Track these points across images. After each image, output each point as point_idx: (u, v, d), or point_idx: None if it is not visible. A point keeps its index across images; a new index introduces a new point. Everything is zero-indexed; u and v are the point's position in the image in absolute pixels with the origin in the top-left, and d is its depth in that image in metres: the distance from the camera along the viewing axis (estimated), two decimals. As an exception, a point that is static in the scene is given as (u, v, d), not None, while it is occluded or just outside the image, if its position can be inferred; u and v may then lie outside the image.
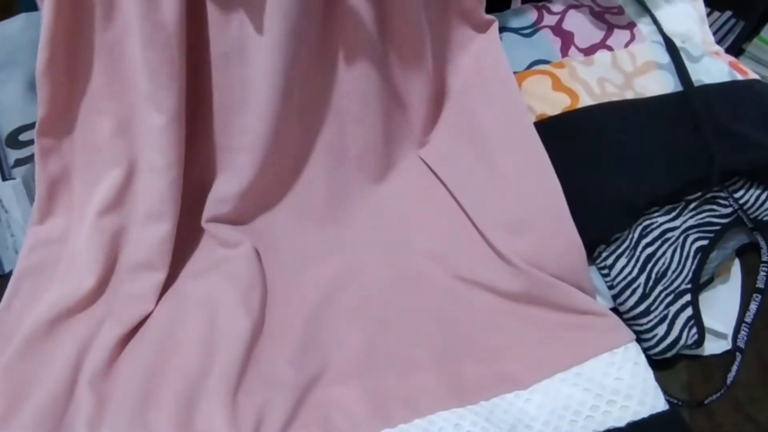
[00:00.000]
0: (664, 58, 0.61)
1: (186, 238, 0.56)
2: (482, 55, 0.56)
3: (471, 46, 0.56)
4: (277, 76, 0.50)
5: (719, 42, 0.79)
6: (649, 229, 0.53)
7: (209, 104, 0.54)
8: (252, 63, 0.51)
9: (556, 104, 0.58)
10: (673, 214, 0.54)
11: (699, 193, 0.55)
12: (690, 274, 0.53)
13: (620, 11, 0.64)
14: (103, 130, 0.53)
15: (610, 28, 0.63)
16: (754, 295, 0.55)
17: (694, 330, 0.51)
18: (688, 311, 0.52)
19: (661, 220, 0.54)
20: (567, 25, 0.64)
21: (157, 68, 0.48)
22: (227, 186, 0.56)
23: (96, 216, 0.54)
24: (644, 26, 0.63)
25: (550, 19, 0.65)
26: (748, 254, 0.59)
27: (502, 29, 0.64)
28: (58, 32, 0.48)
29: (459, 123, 0.57)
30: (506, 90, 0.55)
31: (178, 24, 0.47)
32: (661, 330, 0.50)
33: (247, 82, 0.52)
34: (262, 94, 0.51)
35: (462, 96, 0.57)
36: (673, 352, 0.51)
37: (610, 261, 0.52)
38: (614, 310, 0.51)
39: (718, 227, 0.55)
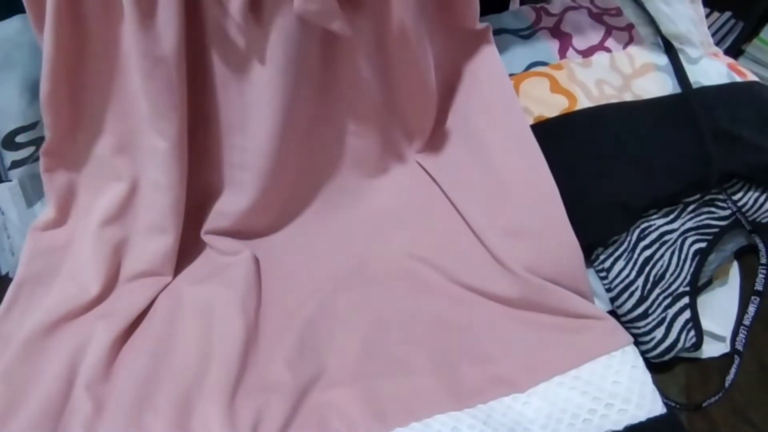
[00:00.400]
0: (663, 59, 0.61)
1: (186, 245, 0.56)
2: (478, 61, 0.56)
3: (467, 54, 0.56)
4: (275, 102, 0.50)
5: (719, 43, 0.79)
6: (647, 232, 0.53)
7: (212, 122, 0.54)
8: (252, 89, 0.51)
9: (554, 106, 0.57)
10: (672, 216, 0.54)
11: (697, 196, 0.54)
12: (688, 277, 0.53)
13: (618, 12, 0.64)
14: (106, 147, 0.54)
15: (608, 30, 0.63)
16: (753, 297, 0.55)
17: (692, 333, 0.51)
18: (686, 314, 0.52)
19: (659, 222, 0.54)
20: (565, 26, 0.64)
21: (157, 99, 0.49)
22: (228, 202, 0.57)
23: (99, 226, 0.54)
24: (642, 28, 0.63)
25: (548, 21, 0.65)
26: (746, 256, 0.59)
27: (501, 30, 0.64)
28: (58, 65, 0.48)
29: (456, 129, 0.57)
30: (503, 95, 0.55)
31: (177, 57, 0.47)
32: (659, 333, 0.50)
33: (247, 107, 0.52)
34: (262, 118, 0.51)
35: (459, 102, 0.57)
36: (671, 355, 0.51)
37: (608, 264, 0.52)
38: (612, 313, 0.51)
39: (716, 229, 0.55)
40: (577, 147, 0.55)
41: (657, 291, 0.51)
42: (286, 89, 0.49)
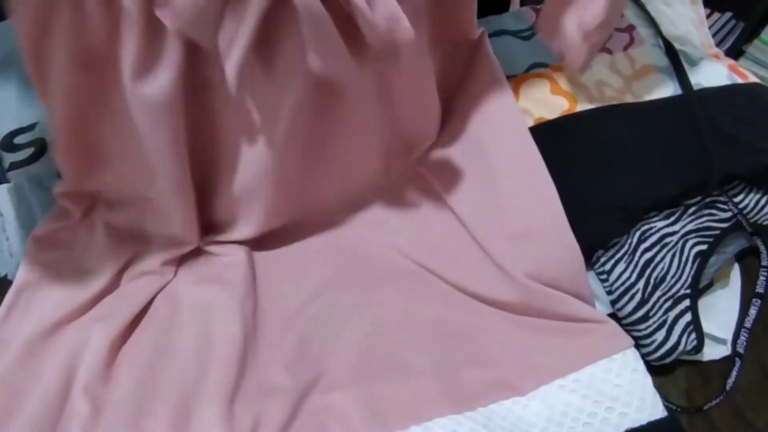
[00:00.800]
0: (663, 61, 0.60)
1: None
2: (475, 67, 0.55)
3: (464, 61, 0.56)
4: (276, 141, 0.49)
5: (719, 43, 0.79)
6: (647, 234, 0.53)
7: (214, 152, 0.53)
8: (251, 128, 0.50)
9: (554, 108, 0.57)
10: (672, 218, 0.54)
11: (698, 198, 0.54)
12: (689, 279, 0.53)
13: (619, 14, 0.64)
14: (120, 171, 0.54)
15: (608, 31, 0.63)
16: (754, 299, 0.55)
17: (693, 335, 0.51)
18: (687, 317, 0.51)
19: (660, 224, 0.53)
20: (566, 27, 0.63)
21: (157, 147, 0.48)
22: (233, 231, 0.56)
23: (107, 236, 0.54)
24: (643, 29, 0.63)
25: (548, 22, 0.64)
26: (747, 259, 0.58)
27: (501, 32, 0.64)
28: (71, 119, 0.48)
29: (455, 135, 0.56)
30: (500, 99, 0.55)
31: (174, 109, 0.46)
32: (659, 336, 0.50)
33: (247, 142, 0.51)
34: (261, 150, 0.50)
35: (458, 109, 0.57)
36: (672, 357, 0.50)
37: (608, 266, 0.51)
38: (613, 315, 0.51)
39: (717, 232, 0.55)
40: (578, 149, 0.55)
41: (658, 294, 0.51)
42: (285, 125, 0.48)
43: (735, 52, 0.81)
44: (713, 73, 0.59)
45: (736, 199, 0.55)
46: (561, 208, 0.50)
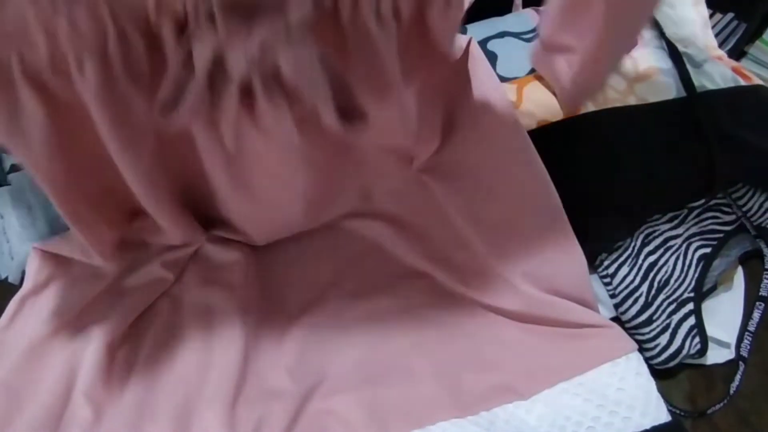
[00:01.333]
0: (667, 63, 0.60)
1: None
2: (466, 75, 0.54)
3: (456, 73, 0.54)
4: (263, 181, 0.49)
5: (721, 44, 0.79)
6: (651, 237, 0.53)
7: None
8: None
9: (557, 110, 0.57)
10: (676, 221, 0.54)
11: (702, 201, 0.54)
12: (693, 283, 0.52)
13: (622, 15, 0.64)
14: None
15: (612, 33, 0.62)
16: (758, 303, 0.55)
17: (697, 339, 0.51)
18: (691, 320, 0.51)
19: (663, 227, 0.53)
20: (568, 29, 0.63)
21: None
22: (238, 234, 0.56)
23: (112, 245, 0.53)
24: (646, 31, 0.62)
25: (551, 24, 0.64)
26: (751, 262, 0.58)
27: (503, 33, 0.63)
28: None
29: (456, 144, 0.56)
30: (497, 107, 0.54)
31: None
32: (663, 339, 0.50)
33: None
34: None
35: (457, 119, 0.56)
36: (676, 361, 0.50)
37: (612, 269, 0.51)
38: (616, 319, 0.51)
39: (721, 235, 0.54)
40: (581, 151, 0.55)
41: (661, 297, 0.51)
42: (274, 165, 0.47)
43: (737, 53, 0.81)
44: (717, 75, 0.59)
45: (740, 202, 0.55)
46: (563, 212, 0.50)
